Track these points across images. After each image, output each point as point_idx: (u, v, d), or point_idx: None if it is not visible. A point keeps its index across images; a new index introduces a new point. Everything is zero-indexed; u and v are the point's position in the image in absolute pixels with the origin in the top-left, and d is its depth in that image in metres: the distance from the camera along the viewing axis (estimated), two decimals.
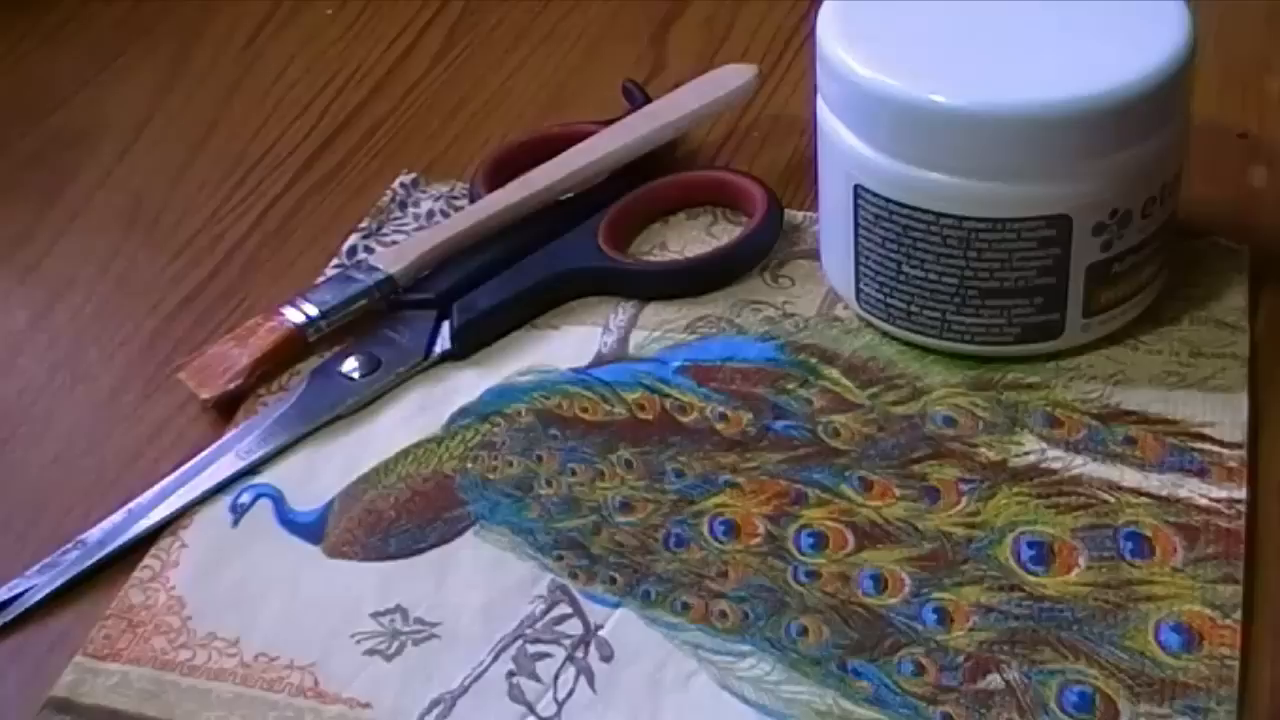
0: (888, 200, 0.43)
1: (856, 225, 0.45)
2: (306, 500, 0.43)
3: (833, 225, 0.46)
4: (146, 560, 0.42)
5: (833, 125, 0.45)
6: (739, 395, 0.45)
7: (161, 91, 0.61)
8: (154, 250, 0.53)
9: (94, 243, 0.54)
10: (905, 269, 0.44)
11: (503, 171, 0.52)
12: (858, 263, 0.46)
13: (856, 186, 0.44)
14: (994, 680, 0.37)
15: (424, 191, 0.54)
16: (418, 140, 0.57)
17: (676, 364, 0.46)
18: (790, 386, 0.45)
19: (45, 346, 0.50)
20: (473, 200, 0.51)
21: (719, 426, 0.44)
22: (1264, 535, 0.40)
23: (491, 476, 0.43)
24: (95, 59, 0.63)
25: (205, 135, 0.58)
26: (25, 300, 0.52)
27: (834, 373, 0.45)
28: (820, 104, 0.45)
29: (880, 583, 0.40)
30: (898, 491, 0.42)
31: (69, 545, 0.42)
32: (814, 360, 0.46)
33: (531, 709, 0.37)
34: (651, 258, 0.50)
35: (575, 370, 0.46)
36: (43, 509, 0.44)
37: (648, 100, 0.54)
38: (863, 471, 0.42)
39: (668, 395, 0.45)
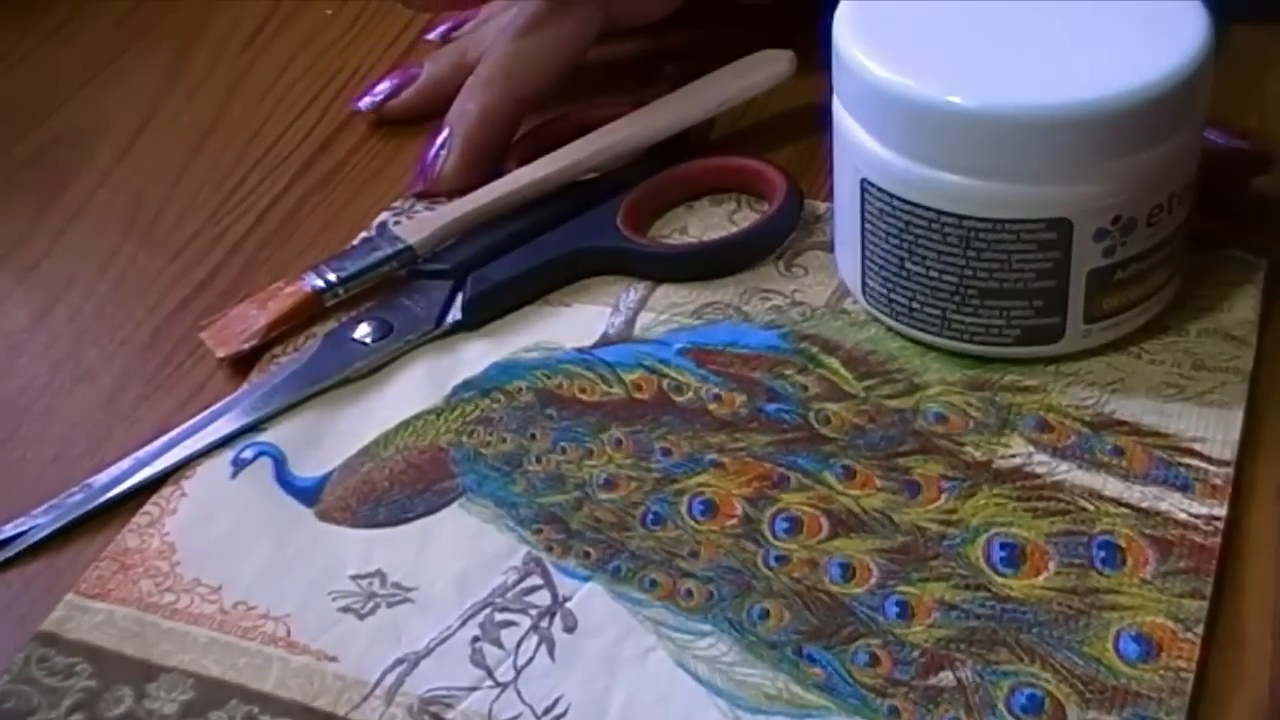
0: (891, 196, 0.44)
1: (863, 219, 0.45)
2: (307, 466, 0.44)
3: (843, 218, 0.47)
4: (147, 506, 0.43)
5: (844, 120, 0.45)
6: (736, 378, 0.45)
7: (161, 91, 0.61)
8: (154, 250, 0.53)
9: (94, 243, 0.54)
10: (908, 265, 0.44)
11: (532, 150, 0.53)
12: (864, 257, 0.46)
13: (863, 181, 0.44)
14: (946, 678, 0.37)
15: None
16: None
17: (679, 346, 0.47)
18: (788, 372, 0.45)
19: (45, 346, 0.50)
20: (500, 176, 0.52)
21: (711, 407, 0.45)
22: (1244, 552, 0.40)
23: (484, 451, 0.44)
24: (95, 59, 0.63)
25: (205, 135, 0.58)
26: (25, 300, 0.52)
27: (834, 362, 0.46)
28: (834, 99, 0.46)
29: (848, 571, 0.40)
30: (879, 483, 0.42)
31: (74, 489, 0.44)
32: (815, 349, 0.46)
33: (490, 673, 0.38)
34: (670, 241, 0.51)
35: (579, 350, 0.47)
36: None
37: (684, 82, 0.54)
38: (847, 460, 0.43)
39: (666, 375, 0.46)
